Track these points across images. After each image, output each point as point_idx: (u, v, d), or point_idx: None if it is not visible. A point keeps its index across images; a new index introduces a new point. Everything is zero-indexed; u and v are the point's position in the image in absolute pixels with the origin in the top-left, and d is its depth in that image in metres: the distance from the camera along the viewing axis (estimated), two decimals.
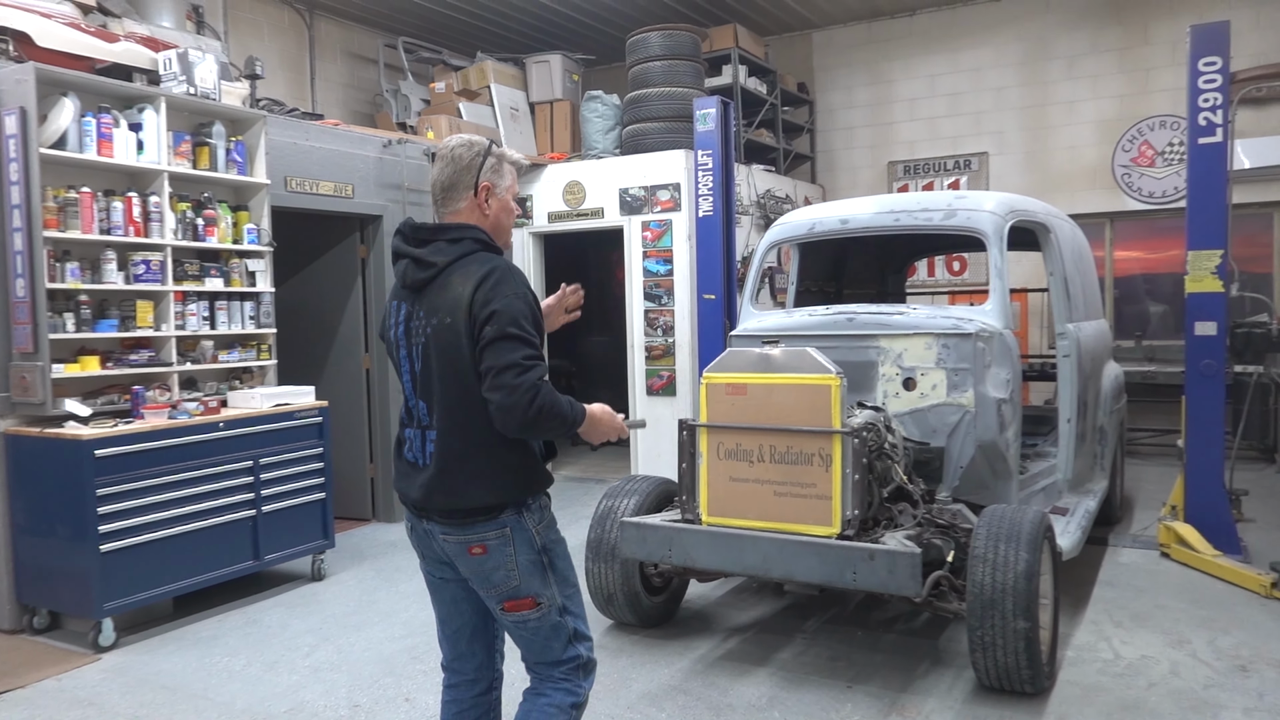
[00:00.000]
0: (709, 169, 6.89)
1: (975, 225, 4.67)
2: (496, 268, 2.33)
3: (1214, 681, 3.75)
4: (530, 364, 2.24)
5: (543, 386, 2.24)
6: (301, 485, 5.38)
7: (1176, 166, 8.57)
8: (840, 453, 3.68)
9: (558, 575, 2.45)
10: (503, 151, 2.49)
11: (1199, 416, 5.40)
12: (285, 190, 6.02)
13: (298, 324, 6.97)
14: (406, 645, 4.43)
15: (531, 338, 2.28)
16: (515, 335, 2.24)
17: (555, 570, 2.45)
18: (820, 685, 3.84)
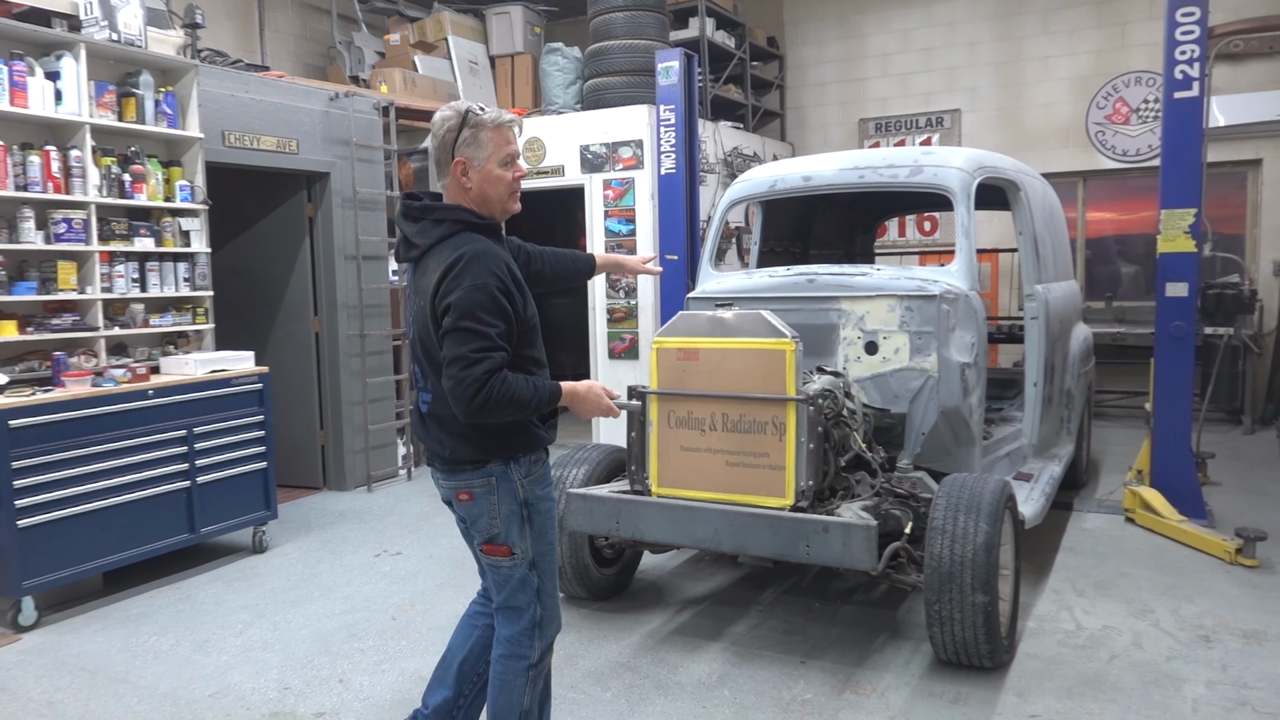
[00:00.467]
0: (671, 125, 6.63)
1: (942, 182, 4.47)
2: (463, 256, 2.35)
3: (1177, 653, 3.64)
4: (478, 357, 2.28)
5: (491, 379, 2.28)
6: (240, 455, 5.15)
7: (1151, 124, 8.41)
8: (794, 421, 3.50)
9: (535, 530, 2.53)
10: (482, 119, 2.43)
11: (1168, 380, 5.28)
12: (223, 145, 5.71)
13: (242, 287, 6.70)
14: (346, 622, 4.24)
15: (485, 328, 2.30)
16: (466, 329, 2.29)
17: (533, 525, 2.52)
18: (774, 661, 3.69)
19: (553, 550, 2.62)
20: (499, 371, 2.30)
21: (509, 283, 2.39)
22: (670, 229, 6.72)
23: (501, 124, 2.46)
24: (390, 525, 5.82)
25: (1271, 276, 8.13)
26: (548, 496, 2.59)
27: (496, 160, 2.46)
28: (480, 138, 2.43)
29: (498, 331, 2.33)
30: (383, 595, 4.58)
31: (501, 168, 2.47)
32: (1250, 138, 8.10)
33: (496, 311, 2.33)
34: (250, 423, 5.22)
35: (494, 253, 2.41)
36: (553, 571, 2.62)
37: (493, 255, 2.39)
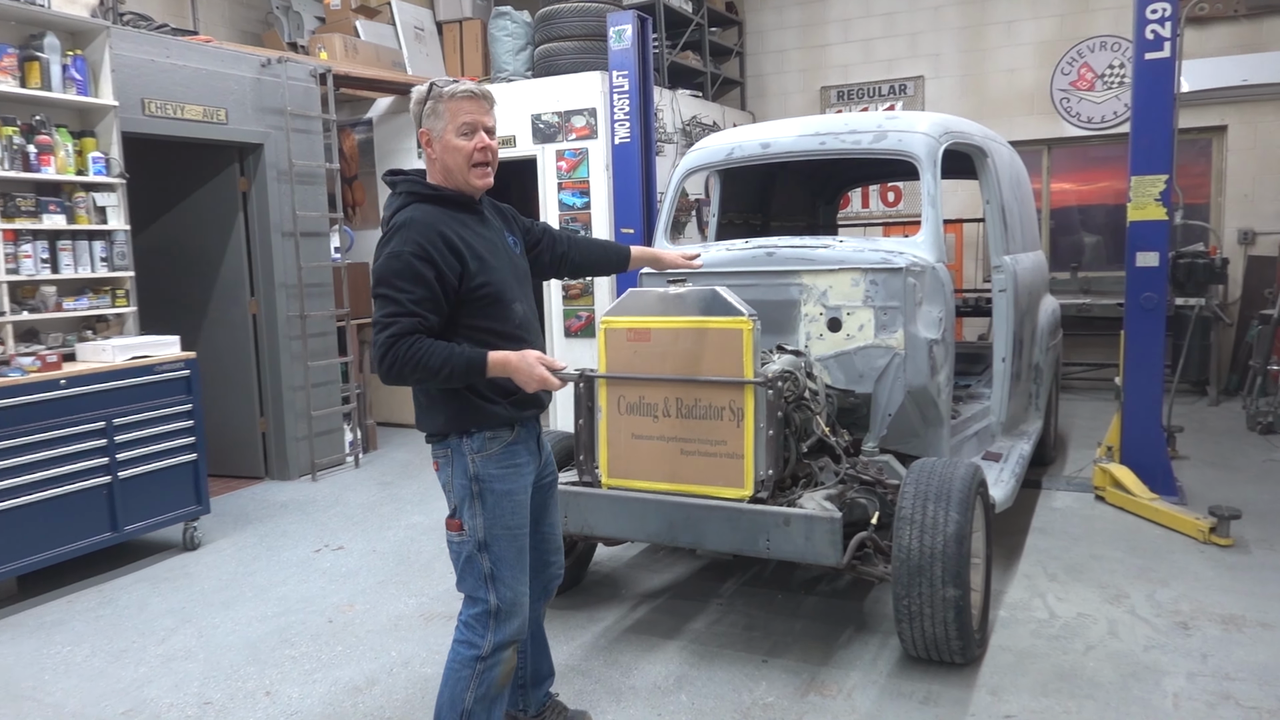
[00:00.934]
0: (625, 91, 6.32)
1: (907, 148, 4.23)
2: (397, 224, 2.43)
3: (1154, 642, 3.48)
4: (387, 322, 2.34)
5: (396, 344, 2.33)
6: (166, 446, 4.82)
7: (1117, 90, 8.24)
8: (753, 405, 3.26)
9: (486, 510, 2.48)
10: (441, 90, 2.47)
11: (1138, 353, 5.11)
12: (143, 114, 5.31)
13: (172, 267, 6.33)
14: (278, 626, 3.96)
15: (397, 294, 2.35)
16: (379, 295, 2.38)
17: (484, 503, 2.48)
18: (734, 660, 3.47)
19: (513, 538, 2.52)
20: (406, 336, 2.33)
21: (434, 250, 2.38)
22: (625, 201, 6.43)
23: (457, 94, 2.46)
24: (334, 517, 5.52)
25: (1236, 245, 8.03)
26: (506, 478, 2.51)
27: (454, 130, 2.46)
28: (439, 109, 2.46)
29: (411, 298, 2.34)
30: (320, 595, 4.30)
31: (460, 138, 2.46)
32: (1215, 103, 7.96)
33: (412, 278, 2.35)
34: (177, 412, 4.88)
35: (425, 222, 2.42)
36: (512, 561, 2.52)
37: (422, 224, 2.41)
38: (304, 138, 6.33)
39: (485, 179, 2.52)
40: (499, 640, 2.50)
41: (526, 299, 2.64)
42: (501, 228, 2.68)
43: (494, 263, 2.51)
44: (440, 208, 2.48)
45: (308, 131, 6.37)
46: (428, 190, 2.50)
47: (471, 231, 2.50)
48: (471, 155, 2.47)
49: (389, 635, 3.83)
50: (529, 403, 2.57)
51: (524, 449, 2.58)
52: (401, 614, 4.04)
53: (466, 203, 2.54)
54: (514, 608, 2.52)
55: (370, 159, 8.08)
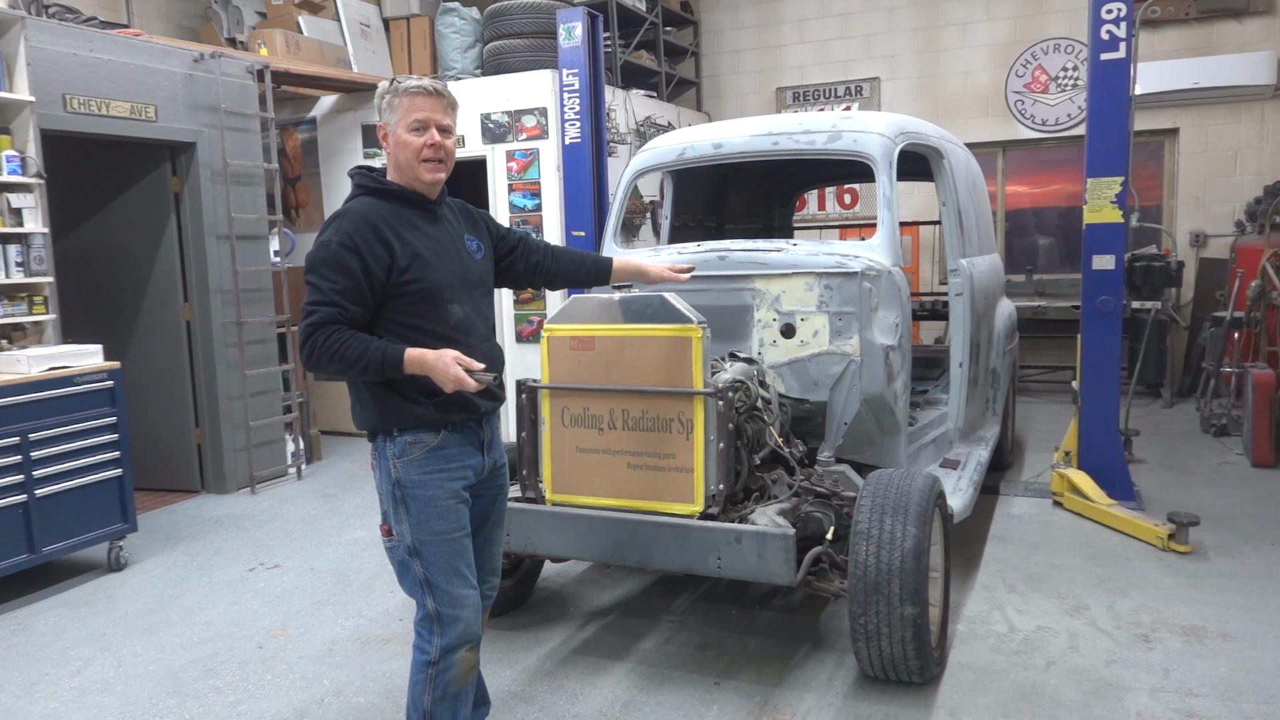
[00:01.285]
0: (575, 90, 6.15)
1: (862, 149, 4.12)
2: (334, 215, 2.43)
3: (1116, 656, 3.38)
4: (309, 310, 2.33)
5: (316, 333, 2.31)
6: (88, 462, 4.55)
7: (1070, 93, 8.24)
8: (703, 417, 3.10)
9: (411, 516, 2.43)
10: (398, 85, 2.46)
11: (1095, 357, 5.05)
12: (64, 110, 5.03)
13: (100, 272, 6.04)
14: (204, 654, 3.73)
15: (321, 282, 2.33)
16: (307, 283, 2.36)
17: (408, 509, 2.43)
18: (684, 683, 3.32)
19: (443, 543, 2.45)
20: (326, 326, 2.31)
21: (361, 241, 2.36)
22: (576, 203, 6.26)
23: (410, 89, 2.45)
24: (272, 533, 5.27)
25: (1188, 247, 8.07)
26: (428, 484, 2.44)
27: (404, 125, 2.44)
28: (395, 103, 2.45)
29: (335, 287, 2.32)
30: (251, 618, 4.07)
31: (409, 133, 2.44)
32: (1167, 106, 7.99)
33: (338, 268, 2.33)
34: (99, 425, 4.61)
35: (361, 213, 2.41)
36: (446, 567, 2.45)
37: (356, 215, 2.40)
38: (240, 136, 6.07)
39: (435, 175, 2.48)
40: (445, 644, 2.45)
41: (472, 303, 2.55)
42: (461, 230, 2.64)
43: (434, 261, 2.45)
44: (384, 201, 2.46)
45: (244, 130, 6.11)
46: (374, 184, 2.49)
47: (413, 227, 2.46)
48: (420, 151, 2.44)
49: (322, 662, 3.62)
50: (456, 406, 2.46)
51: (454, 455, 2.48)
52: (337, 638, 3.83)
53: (416, 199, 2.50)
54: (455, 612, 2.46)
55: (314, 159, 7.83)
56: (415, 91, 2.44)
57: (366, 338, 2.33)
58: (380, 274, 2.37)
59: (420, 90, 2.44)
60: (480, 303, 2.59)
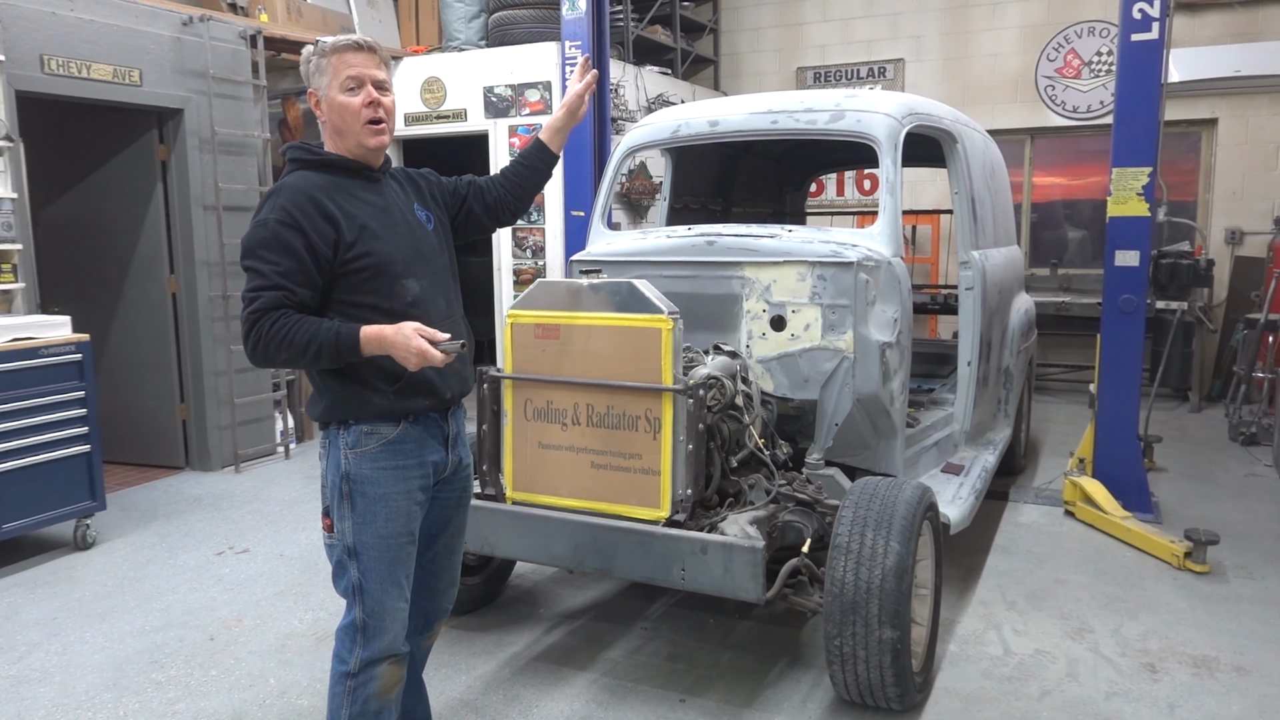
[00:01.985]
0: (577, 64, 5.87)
1: (865, 130, 3.83)
2: (270, 192, 2.24)
3: (1117, 688, 3.12)
4: (251, 296, 2.13)
5: (260, 320, 2.10)
6: (54, 437, 4.39)
7: (1104, 79, 7.85)
8: (671, 415, 2.87)
9: (356, 514, 2.23)
10: (324, 45, 2.25)
11: (1115, 359, 4.75)
12: (41, 72, 4.85)
13: (84, 240, 5.90)
14: (152, 643, 3.56)
15: (261, 265, 2.13)
16: (245, 268, 2.17)
17: (353, 505, 2.23)
18: (648, 698, 3.10)
19: (385, 548, 2.25)
20: (271, 311, 2.10)
21: (303, 217, 2.15)
22: (576, 182, 6.01)
23: (340, 46, 2.24)
24: (248, 515, 5.11)
25: (1223, 244, 7.68)
26: (382, 480, 2.24)
27: (338, 86, 2.23)
28: (322, 65, 2.24)
29: (277, 269, 2.11)
30: (209, 606, 3.90)
31: (345, 94, 2.23)
32: (1206, 95, 7.58)
33: (279, 248, 2.12)
34: (67, 399, 4.45)
35: (298, 187, 2.19)
36: (384, 576, 2.25)
37: (294, 189, 2.19)
38: (230, 104, 5.87)
39: (379, 138, 2.28)
40: (367, 657, 2.27)
41: (430, 276, 2.34)
42: (409, 199, 2.42)
43: (383, 233, 2.25)
44: (322, 173, 2.25)
45: (235, 98, 5.92)
46: (310, 155, 2.28)
47: (356, 199, 2.25)
48: (360, 112, 2.23)
49: (272, 658, 3.44)
50: (419, 391, 2.25)
51: (413, 449, 2.28)
52: (293, 632, 3.65)
53: (357, 169, 2.29)
54: (382, 624, 2.27)
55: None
56: (344, 47, 2.23)
57: (317, 320, 2.13)
58: (327, 251, 2.16)
59: (349, 45, 2.23)
60: (438, 277, 2.38)
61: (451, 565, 2.55)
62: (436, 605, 2.55)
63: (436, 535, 2.46)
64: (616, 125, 6.77)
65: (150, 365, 5.91)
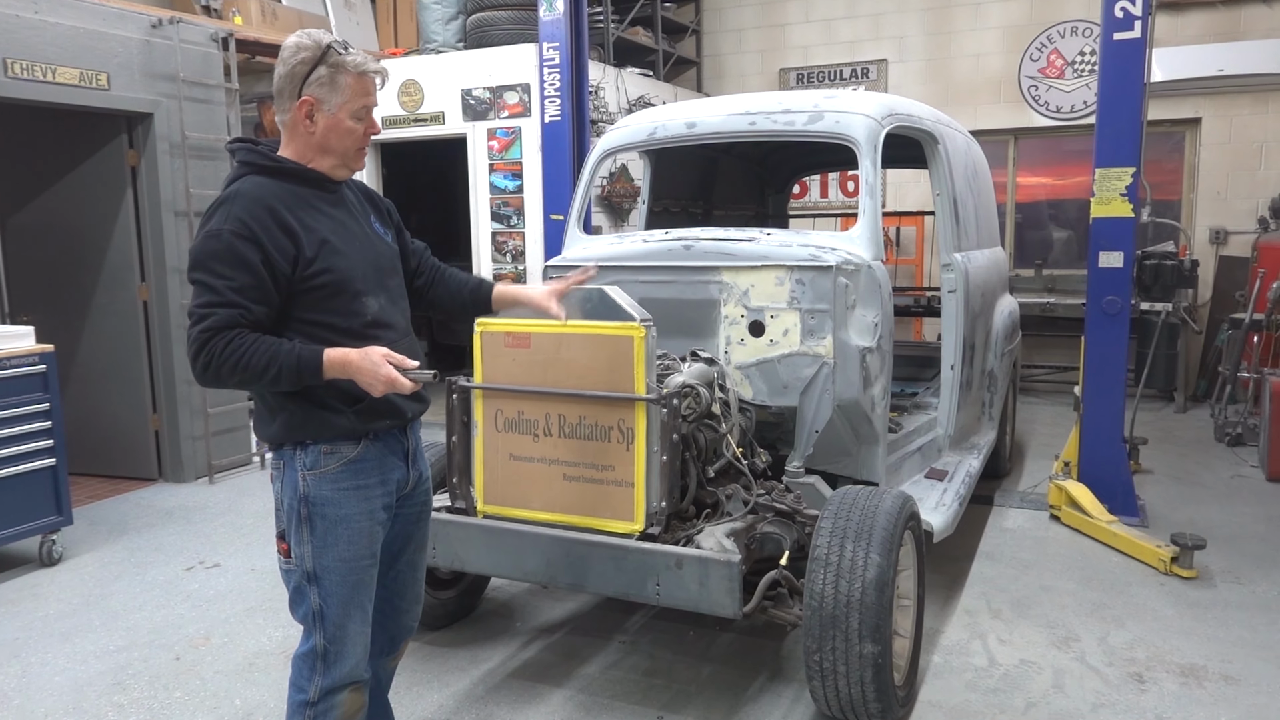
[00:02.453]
0: (556, 65, 5.82)
1: (844, 131, 3.76)
2: (221, 199, 2.07)
3: (1104, 699, 3.05)
4: (202, 313, 1.98)
5: (212, 340, 1.96)
6: (18, 451, 4.28)
7: (1087, 79, 7.82)
8: (644, 425, 2.78)
9: (315, 537, 2.12)
10: (343, 60, 2.09)
11: (1099, 361, 4.70)
12: (4, 76, 4.74)
13: (53, 248, 5.77)
14: (116, 664, 3.45)
15: (214, 280, 1.98)
16: (195, 280, 2.02)
17: (313, 529, 2.12)
18: (625, 715, 3.01)
19: (348, 572, 2.15)
20: (224, 331, 1.96)
21: (260, 229, 2.01)
22: (555, 185, 5.93)
23: (366, 71, 2.12)
24: (220, 528, 5.00)
25: (1208, 244, 7.66)
26: (343, 502, 2.13)
27: (350, 111, 2.12)
28: (339, 81, 2.09)
29: (231, 285, 1.97)
30: (175, 624, 3.79)
31: (354, 120, 2.14)
32: (1189, 94, 7.56)
33: (233, 262, 1.98)
34: (30, 412, 4.34)
35: (254, 196, 2.05)
36: (346, 600, 2.15)
37: (250, 198, 2.04)
38: (201, 108, 5.77)
39: (363, 161, 2.26)
40: (327, 685, 2.17)
41: (387, 294, 2.24)
42: (365, 211, 2.30)
43: (343, 248, 2.14)
44: (279, 181, 2.11)
45: (207, 101, 5.81)
46: (267, 161, 2.13)
47: (316, 211, 2.13)
48: (361, 140, 2.18)
49: (239, 678, 3.34)
50: (381, 412, 2.16)
51: (374, 467, 2.19)
52: (261, 650, 3.55)
53: (315, 179, 2.16)
54: (343, 650, 2.17)
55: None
56: (371, 74, 2.12)
57: (274, 341, 2.00)
58: (285, 267, 2.03)
59: (375, 73, 2.13)
60: (394, 294, 2.28)
61: (415, 582, 2.46)
62: (401, 624, 2.46)
63: (399, 553, 2.38)
64: (596, 128, 6.70)
65: (121, 374, 5.79)
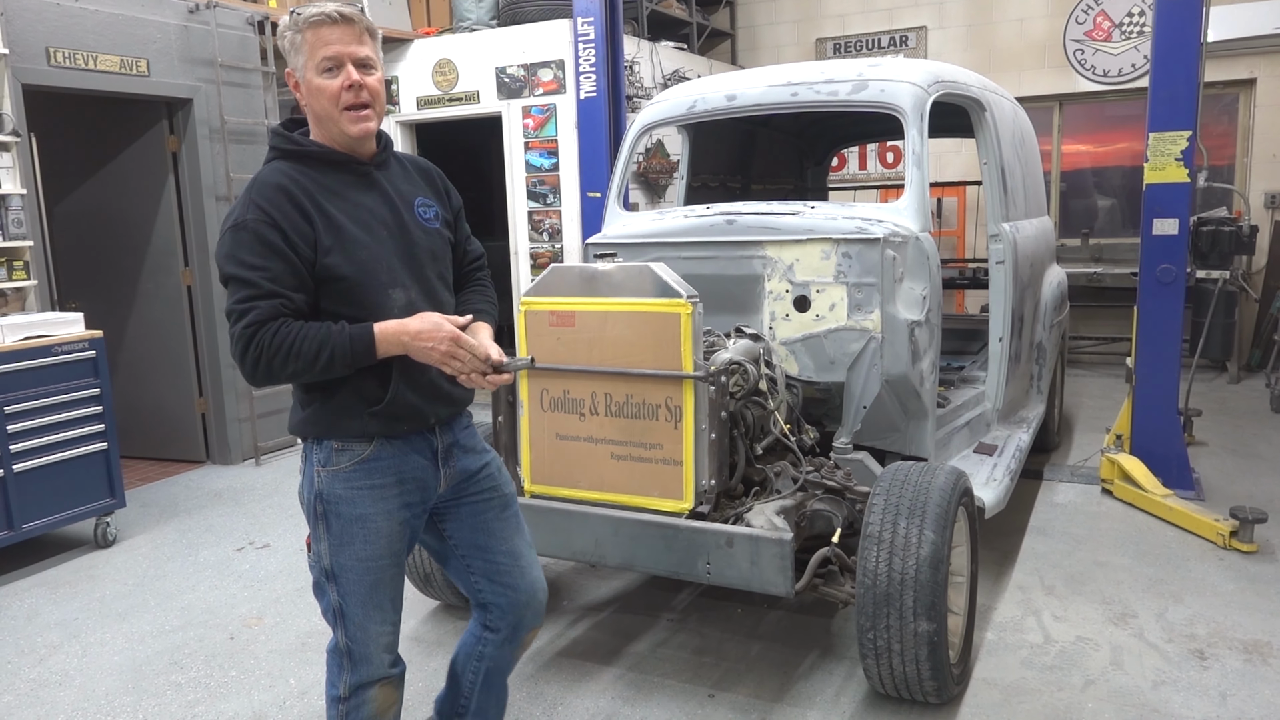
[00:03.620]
0: (590, 40, 5.76)
1: (889, 100, 3.68)
2: (247, 187, 2.00)
3: (1165, 676, 2.99)
4: (242, 309, 1.88)
5: (258, 334, 1.86)
6: (71, 435, 4.36)
7: (1136, 40, 7.59)
8: (692, 403, 2.75)
9: (331, 535, 2.05)
10: (298, 17, 1.97)
11: (1153, 332, 4.58)
12: (47, 65, 4.79)
13: (97, 235, 5.85)
14: (172, 644, 3.51)
15: (248, 273, 1.88)
16: (228, 277, 1.92)
17: (329, 527, 2.04)
18: (676, 693, 3.01)
19: (365, 572, 2.05)
20: (268, 323, 1.86)
21: (279, 214, 1.91)
22: (591, 162, 5.89)
23: (313, 20, 1.95)
24: (268, 509, 5.07)
25: (1263, 209, 7.43)
26: (357, 501, 2.03)
27: (314, 67, 1.97)
28: (297, 42, 1.98)
29: (266, 275, 1.88)
30: (229, 604, 3.85)
31: (322, 76, 1.96)
32: (1243, 54, 7.31)
33: (261, 250, 1.89)
34: (82, 397, 4.41)
35: (269, 181, 1.97)
36: (364, 600, 2.06)
37: (264, 184, 1.96)
38: (240, 92, 5.79)
39: (361, 125, 2.00)
40: (355, 682, 2.11)
41: (420, 286, 2.07)
42: (410, 193, 2.14)
43: (363, 237, 2.00)
44: (300, 165, 2.01)
45: (245, 85, 5.83)
46: (288, 145, 2.03)
47: (336, 197, 2.00)
48: (338, 96, 1.96)
49: (293, 657, 3.38)
50: (400, 417, 2.03)
51: (389, 467, 2.05)
52: (313, 630, 3.59)
53: (341, 160, 2.03)
54: (366, 648, 2.10)
55: None
56: (318, 21, 1.94)
57: (322, 325, 1.90)
58: (307, 251, 1.92)
59: (323, 19, 1.94)
60: (432, 286, 2.10)
61: (520, 571, 2.26)
62: (521, 617, 2.29)
63: (485, 545, 2.24)
64: (632, 103, 6.63)
65: (167, 359, 5.87)
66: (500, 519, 2.27)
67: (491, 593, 2.26)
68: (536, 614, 2.32)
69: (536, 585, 2.30)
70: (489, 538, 2.25)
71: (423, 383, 2.04)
